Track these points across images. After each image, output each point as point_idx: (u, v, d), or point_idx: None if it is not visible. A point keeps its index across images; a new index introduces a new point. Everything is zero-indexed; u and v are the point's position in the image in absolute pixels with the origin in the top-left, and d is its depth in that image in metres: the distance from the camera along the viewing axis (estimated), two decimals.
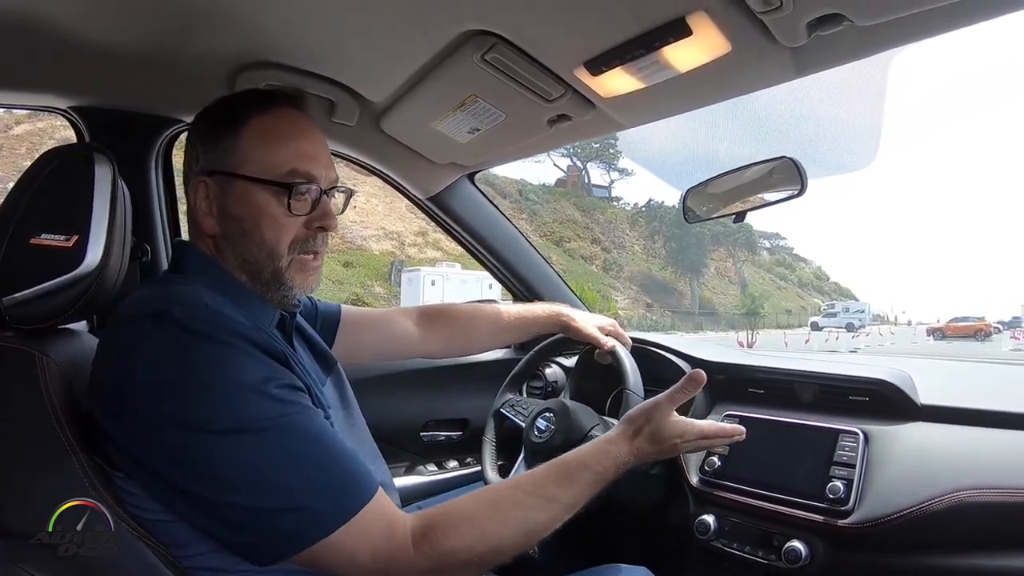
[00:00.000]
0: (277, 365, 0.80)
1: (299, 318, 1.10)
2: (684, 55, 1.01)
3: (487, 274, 2.01)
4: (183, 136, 1.49)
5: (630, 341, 1.36)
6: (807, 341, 27.89)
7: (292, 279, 0.91)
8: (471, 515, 0.83)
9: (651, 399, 1.02)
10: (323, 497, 0.74)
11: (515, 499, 0.87)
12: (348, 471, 0.78)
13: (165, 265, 1.50)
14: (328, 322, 1.28)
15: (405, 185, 1.78)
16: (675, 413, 1.02)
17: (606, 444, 0.98)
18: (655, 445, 1.00)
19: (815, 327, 43.33)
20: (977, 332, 33.98)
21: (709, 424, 1.08)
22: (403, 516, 0.80)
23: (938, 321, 41.00)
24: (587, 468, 0.93)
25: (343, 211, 1.01)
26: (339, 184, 0.97)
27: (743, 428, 1.13)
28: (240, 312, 0.82)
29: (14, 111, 26.70)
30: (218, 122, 0.92)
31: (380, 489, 0.80)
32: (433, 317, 1.44)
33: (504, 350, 2.03)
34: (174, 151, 1.56)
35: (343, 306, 1.33)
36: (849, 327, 41.84)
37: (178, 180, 1.64)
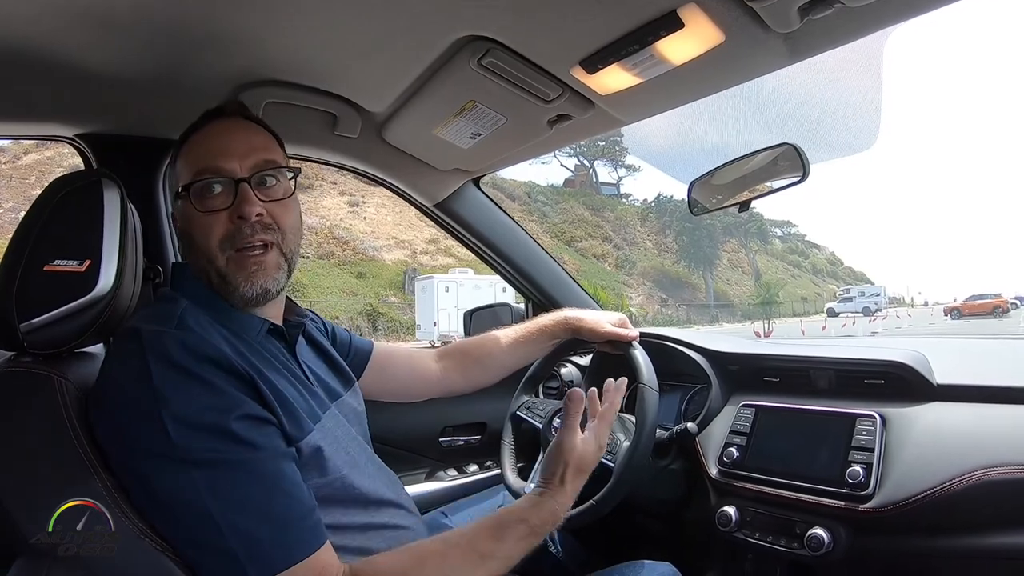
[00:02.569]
0: (239, 395, 0.79)
1: (318, 336, 1.11)
2: (678, 48, 1.01)
3: (500, 278, 2.01)
4: None
5: (636, 333, 1.36)
6: (824, 328, 27.70)
7: (235, 277, 0.90)
8: (398, 571, 0.80)
9: (553, 441, 0.98)
10: (252, 546, 0.72)
11: (444, 554, 0.83)
12: (289, 522, 0.76)
13: None
14: (360, 355, 1.29)
15: (411, 193, 1.79)
16: (579, 432, 0.97)
17: (539, 497, 0.93)
18: (584, 472, 0.97)
19: (831, 313, 42.98)
20: (994, 309, 33.61)
21: (603, 409, 1.03)
22: (336, 569, 0.78)
23: (955, 300, 40.41)
24: (522, 522, 0.89)
25: (292, 193, 0.98)
26: (270, 168, 0.94)
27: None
28: (218, 327, 0.84)
29: (22, 141, 27.16)
30: (176, 151, 0.97)
31: (326, 544, 0.78)
32: (449, 354, 1.44)
33: None
34: None
35: (375, 343, 1.34)
36: (865, 311, 41.44)
37: None
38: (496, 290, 19.89)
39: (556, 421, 1.32)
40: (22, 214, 0.86)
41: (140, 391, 0.75)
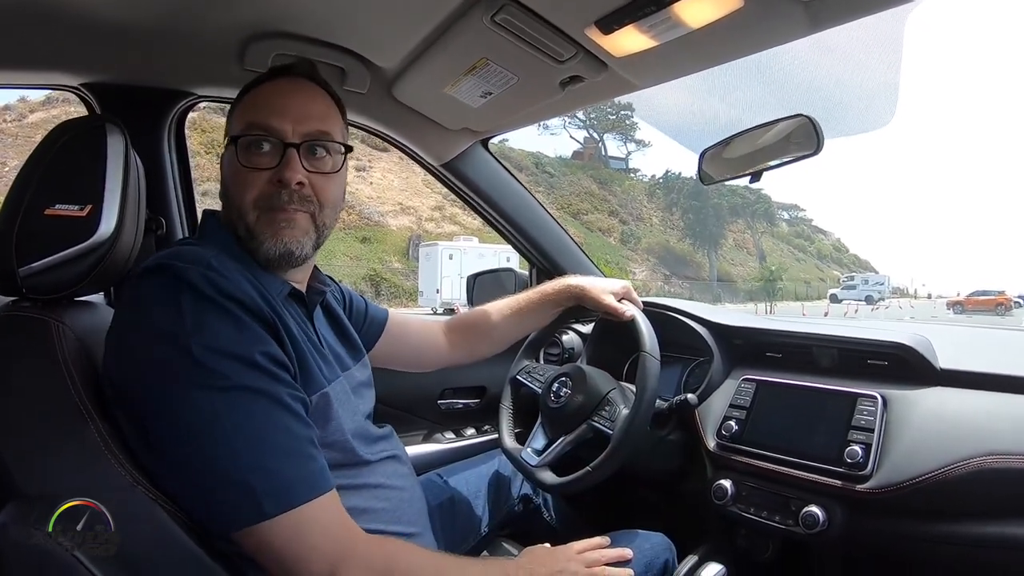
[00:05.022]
0: (263, 333, 0.79)
1: (334, 305, 1.11)
2: (696, 10, 0.99)
3: (505, 248, 2.01)
4: (198, 114, 1.49)
5: (640, 303, 1.35)
6: (826, 314, 27.67)
7: (262, 232, 0.90)
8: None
9: (562, 548, 1.04)
10: (266, 479, 0.72)
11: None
12: (304, 460, 0.76)
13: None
14: (375, 325, 1.30)
15: (419, 152, 1.77)
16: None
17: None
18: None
19: (834, 299, 42.95)
20: (997, 306, 33.57)
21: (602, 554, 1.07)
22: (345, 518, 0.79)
23: (958, 294, 40.43)
24: None
25: (339, 168, 0.97)
26: (323, 139, 0.93)
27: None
28: (247, 278, 0.83)
29: (28, 99, 26.92)
30: (238, 97, 0.97)
31: (334, 492, 0.78)
32: (455, 328, 1.45)
33: None
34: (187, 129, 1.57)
35: (390, 311, 1.35)
36: (868, 300, 41.45)
37: (195, 160, 1.65)
38: (500, 259, 19.86)
39: (556, 386, 1.32)
40: None
41: (169, 320, 0.74)
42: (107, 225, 0.83)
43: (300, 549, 0.73)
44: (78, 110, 1.41)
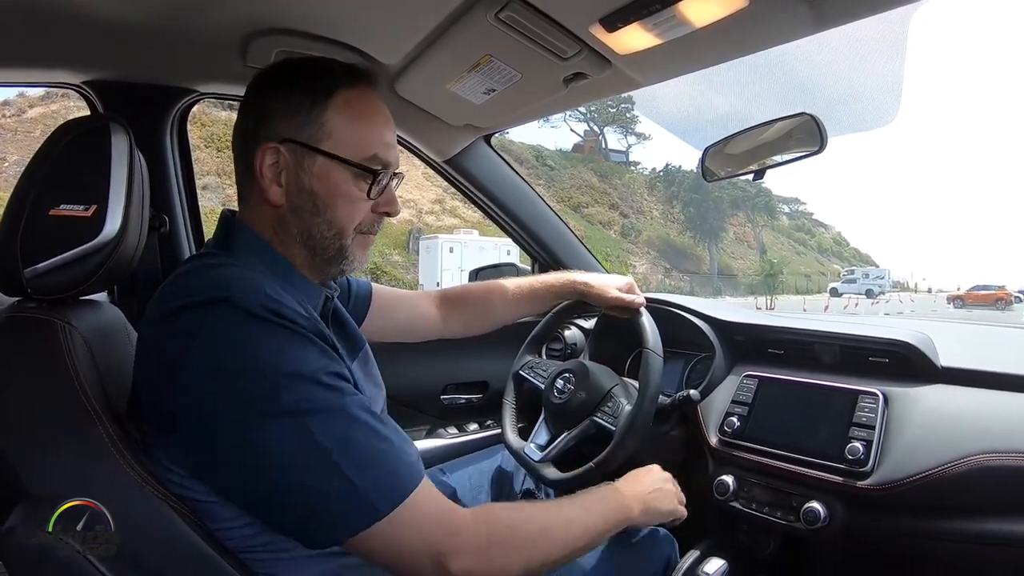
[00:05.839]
0: (330, 352, 0.79)
1: (336, 302, 1.10)
2: (700, 9, 0.98)
3: (505, 240, 2.00)
4: (198, 108, 1.48)
5: (644, 300, 1.35)
6: (827, 308, 27.66)
7: (354, 254, 0.91)
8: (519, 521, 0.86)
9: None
10: (373, 481, 0.72)
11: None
12: (394, 457, 0.76)
13: (183, 236, 1.52)
14: (361, 299, 1.28)
15: (421, 148, 1.76)
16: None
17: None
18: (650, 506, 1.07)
19: (834, 293, 42.87)
20: (998, 300, 33.68)
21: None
22: (458, 509, 0.80)
23: (958, 289, 40.43)
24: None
25: None
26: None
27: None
28: (292, 295, 0.81)
29: (27, 94, 26.78)
30: (301, 88, 0.86)
31: (427, 479, 0.78)
32: (451, 300, 1.44)
33: None
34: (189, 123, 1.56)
35: (374, 284, 1.33)
36: (869, 293, 41.36)
37: (195, 154, 1.64)
38: (501, 252, 19.88)
39: (559, 382, 1.33)
40: None
41: (244, 354, 0.72)
42: (112, 225, 0.83)
43: (413, 538, 0.74)
44: (78, 104, 1.42)
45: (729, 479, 1.28)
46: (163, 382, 0.75)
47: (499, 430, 1.44)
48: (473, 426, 1.97)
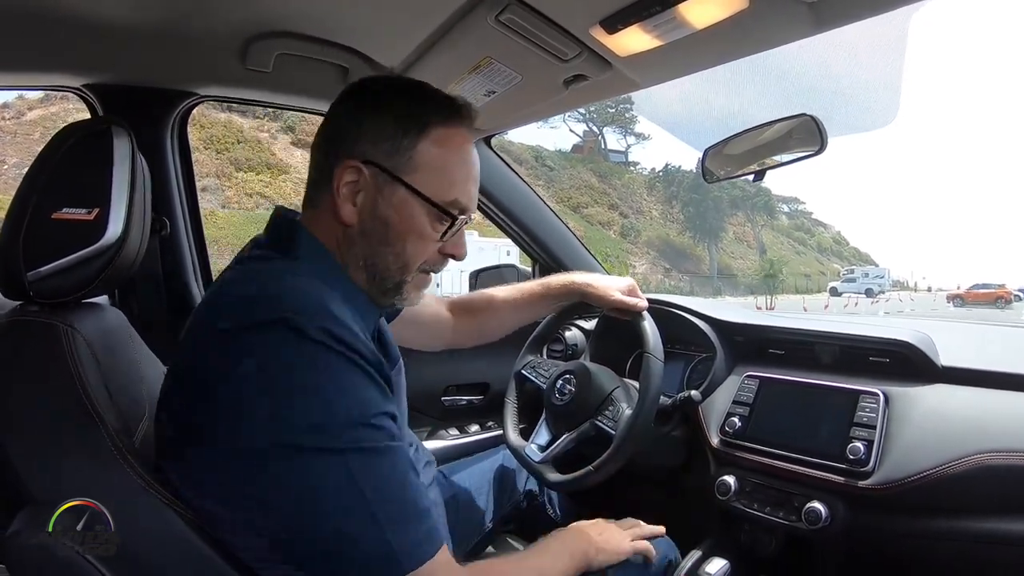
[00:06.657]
0: (386, 390, 0.77)
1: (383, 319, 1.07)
2: (700, 11, 0.98)
3: (505, 241, 2.00)
4: (197, 110, 1.48)
5: (646, 303, 1.35)
6: (826, 307, 27.66)
7: (410, 292, 0.90)
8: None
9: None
10: (403, 536, 0.71)
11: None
12: (426, 515, 0.75)
13: (184, 239, 1.52)
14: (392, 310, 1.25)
15: None
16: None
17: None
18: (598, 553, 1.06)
19: (834, 292, 42.87)
20: (997, 299, 33.67)
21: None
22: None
23: (958, 287, 40.42)
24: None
25: None
26: None
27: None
28: (351, 312, 0.78)
29: (26, 97, 26.75)
30: (396, 114, 0.85)
31: (444, 546, 0.77)
32: (461, 308, 1.43)
33: None
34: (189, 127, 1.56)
35: None
36: (868, 292, 41.42)
37: (194, 155, 1.64)
38: (500, 253, 19.78)
39: (560, 383, 1.33)
40: (26, 170, 0.84)
41: (297, 378, 0.70)
42: (115, 228, 0.82)
43: None
44: (77, 107, 1.41)
45: (731, 479, 1.28)
46: (203, 393, 0.72)
47: (500, 431, 1.44)
48: (474, 427, 1.97)
